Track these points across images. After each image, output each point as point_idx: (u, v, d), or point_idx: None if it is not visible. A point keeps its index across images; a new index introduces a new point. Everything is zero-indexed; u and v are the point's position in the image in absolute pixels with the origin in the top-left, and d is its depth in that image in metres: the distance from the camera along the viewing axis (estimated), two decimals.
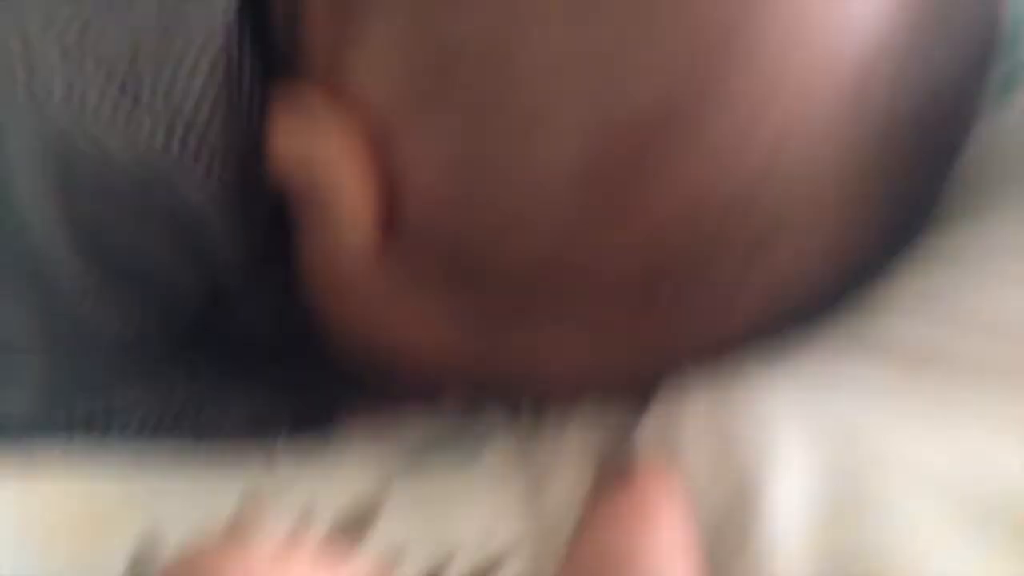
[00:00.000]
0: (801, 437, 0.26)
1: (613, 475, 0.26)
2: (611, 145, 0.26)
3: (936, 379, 0.27)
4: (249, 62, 0.30)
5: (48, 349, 0.31)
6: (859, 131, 0.26)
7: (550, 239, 0.27)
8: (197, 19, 0.29)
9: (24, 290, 0.30)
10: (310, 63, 0.29)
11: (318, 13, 0.29)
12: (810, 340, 0.29)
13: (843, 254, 0.28)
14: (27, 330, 0.31)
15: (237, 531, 0.23)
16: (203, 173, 0.29)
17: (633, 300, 0.27)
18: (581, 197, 0.26)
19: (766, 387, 0.28)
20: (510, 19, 0.26)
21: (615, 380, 0.30)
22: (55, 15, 0.29)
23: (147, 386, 0.33)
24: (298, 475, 0.30)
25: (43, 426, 0.31)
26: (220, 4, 0.29)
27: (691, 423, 0.28)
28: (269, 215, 0.30)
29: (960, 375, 0.27)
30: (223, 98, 0.29)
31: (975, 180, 0.31)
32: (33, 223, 0.29)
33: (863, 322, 0.29)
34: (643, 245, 0.26)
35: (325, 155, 0.28)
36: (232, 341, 0.34)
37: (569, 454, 0.30)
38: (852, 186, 0.27)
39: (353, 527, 0.27)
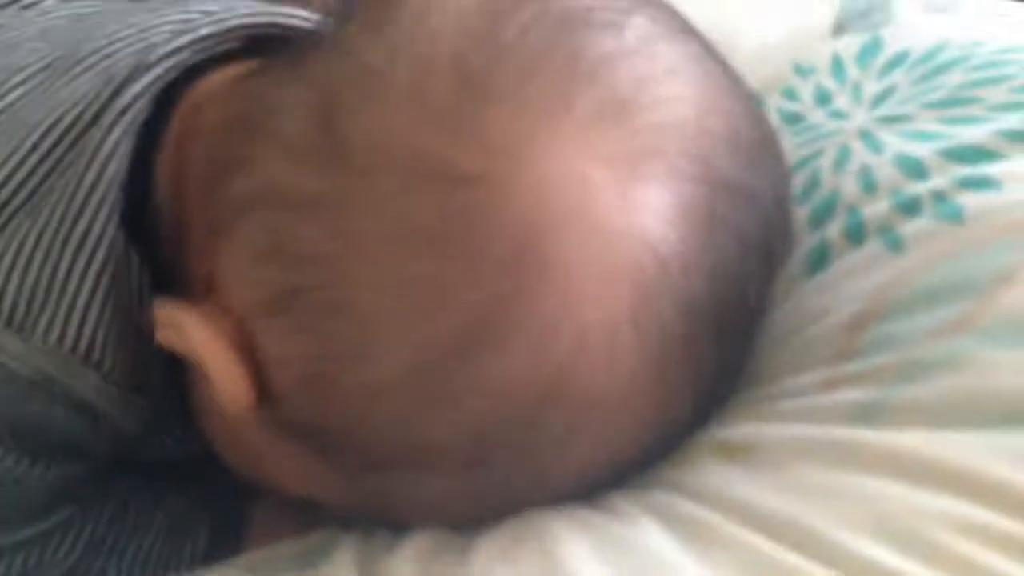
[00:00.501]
0: None
1: None
2: (434, 349, 0.30)
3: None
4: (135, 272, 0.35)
5: None
6: (644, 339, 0.31)
7: (390, 419, 0.32)
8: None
9: None
10: (189, 276, 0.35)
11: (195, 234, 0.35)
12: None
13: (647, 431, 0.34)
14: None
15: None
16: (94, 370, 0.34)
17: (470, 462, 0.32)
18: (413, 387, 0.31)
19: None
20: (349, 246, 0.31)
21: (457, 517, 0.35)
22: None
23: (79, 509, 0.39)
24: None
25: None
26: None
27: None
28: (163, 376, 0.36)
29: None
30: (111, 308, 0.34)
31: None
32: None
33: None
34: (471, 423, 0.32)
35: (198, 352, 0.33)
36: (145, 468, 0.40)
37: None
38: (646, 383, 0.32)
39: None
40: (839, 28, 0.48)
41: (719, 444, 0.36)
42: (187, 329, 0.34)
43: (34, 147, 0.35)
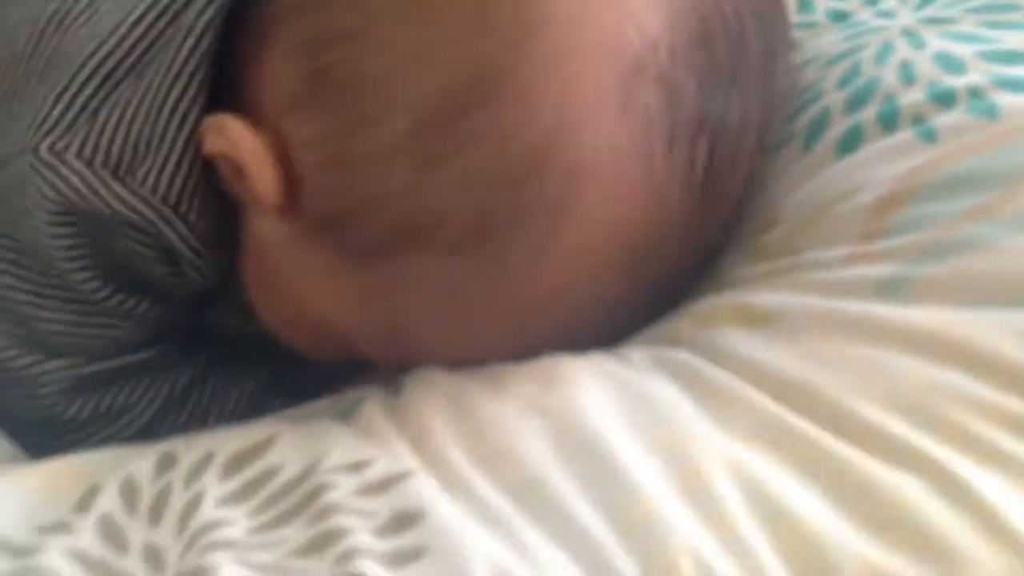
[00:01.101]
0: None
1: None
2: (431, 105, 0.34)
3: None
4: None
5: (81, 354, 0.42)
6: (627, 116, 0.34)
7: (395, 188, 0.36)
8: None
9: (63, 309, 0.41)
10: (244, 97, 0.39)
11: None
12: None
13: (636, 232, 0.36)
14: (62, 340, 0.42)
15: None
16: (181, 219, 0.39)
17: (470, 237, 0.35)
18: (414, 148, 0.35)
19: None
20: (368, 18, 0.36)
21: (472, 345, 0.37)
22: None
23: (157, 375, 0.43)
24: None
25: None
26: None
27: None
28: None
29: None
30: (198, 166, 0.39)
31: None
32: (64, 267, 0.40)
33: None
34: (467, 188, 0.35)
35: (238, 148, 0.38)
36: (227, 338, 0.44)
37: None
38: (631, 164, 0.35)
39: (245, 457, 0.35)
40: None
41: (741, 309, 0.37)
42: (230, 132, 0.38)
43: (137, 22, 0.40)
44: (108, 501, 0.35)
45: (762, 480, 0.31)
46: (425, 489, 0.33)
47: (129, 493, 0.35)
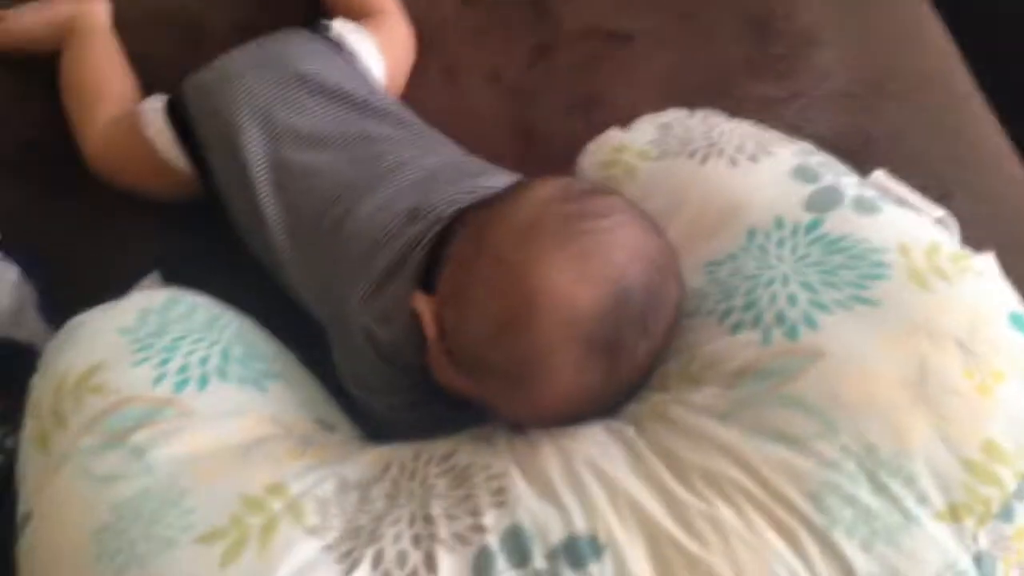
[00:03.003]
0: None
1: None
2: (491, 328, 0.75)
3: None
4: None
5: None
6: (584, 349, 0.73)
7: (475, 358, 0.77)
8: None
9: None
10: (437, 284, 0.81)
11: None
12: None
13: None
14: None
15: None
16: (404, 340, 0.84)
17: (506, 381, 0.76)
18: (480, 345, 0.75)
19: None
20: (468, 293, 0.77)
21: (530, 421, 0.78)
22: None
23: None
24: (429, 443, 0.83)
25: None
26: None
27: None
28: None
29: None
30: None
31: None
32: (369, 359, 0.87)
33: None
34: (502, 362, 0.74)
35: (421, 310, 0.80)
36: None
37: None
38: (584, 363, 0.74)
39: (446, 457, 0.81)
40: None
41: (657, 409, 0.76)
42: (421, 305, 0.80)
43: (398, 250, 0.86)
44: (395, 471, 0.76)
45: (639, 500, 0.69)
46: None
47: (402, 468, 0.76)
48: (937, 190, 0.89)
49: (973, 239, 0.82)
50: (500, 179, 0.89)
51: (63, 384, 0.75)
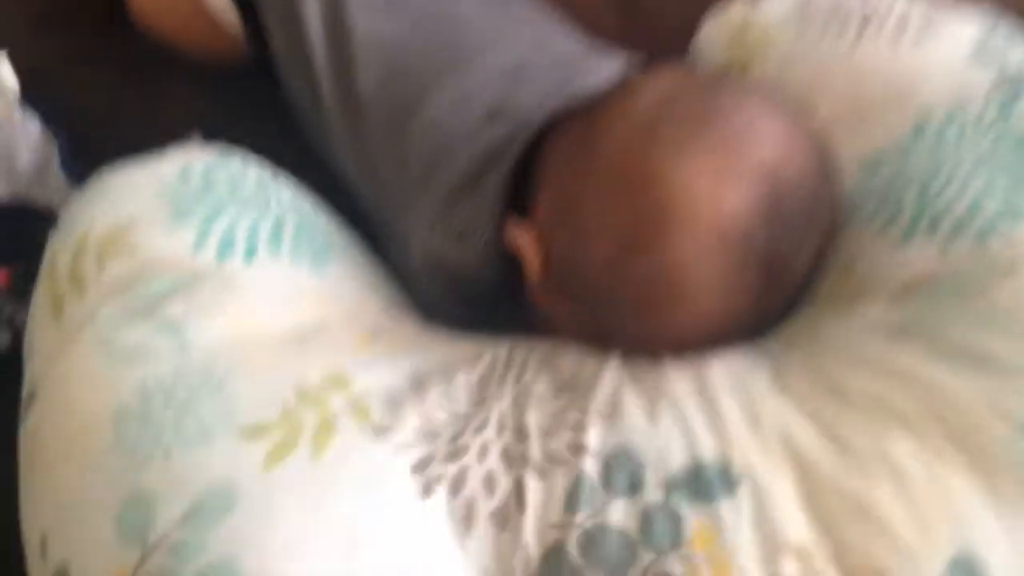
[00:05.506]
0: None
1: None
2: (613, 246, 0.62)
3: None
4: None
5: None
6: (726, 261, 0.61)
7: (594, 278, 0.64)
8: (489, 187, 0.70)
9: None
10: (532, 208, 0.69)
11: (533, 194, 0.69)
12: None
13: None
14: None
15: None
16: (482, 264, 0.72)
17: (625, 310, 0.63)
18: (599, 268, 0.63)
19: None
20: (583, 196, 0.65)
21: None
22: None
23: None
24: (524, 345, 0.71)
25: None
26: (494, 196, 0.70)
27: None
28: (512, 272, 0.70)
29: None
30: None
31: None
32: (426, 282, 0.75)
33: None
34: (627, 286, 0.62)
35: (523, 244, 0.68)
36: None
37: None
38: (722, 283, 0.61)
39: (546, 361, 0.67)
40: None
41: (812, 326, 0.62)
42: (517, 233, 0.68)
43: (478, 158, 0.71)
44: (484, 365, 0.63)
45: (788, 427, 0.55)
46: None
47: (494, 363, 0.64)
48: None
49: None
50: (600, 70, 0.76)
51: (85, 242, 0.62)
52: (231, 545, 0.51)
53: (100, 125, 0.87)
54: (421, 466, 0.55)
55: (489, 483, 0.55)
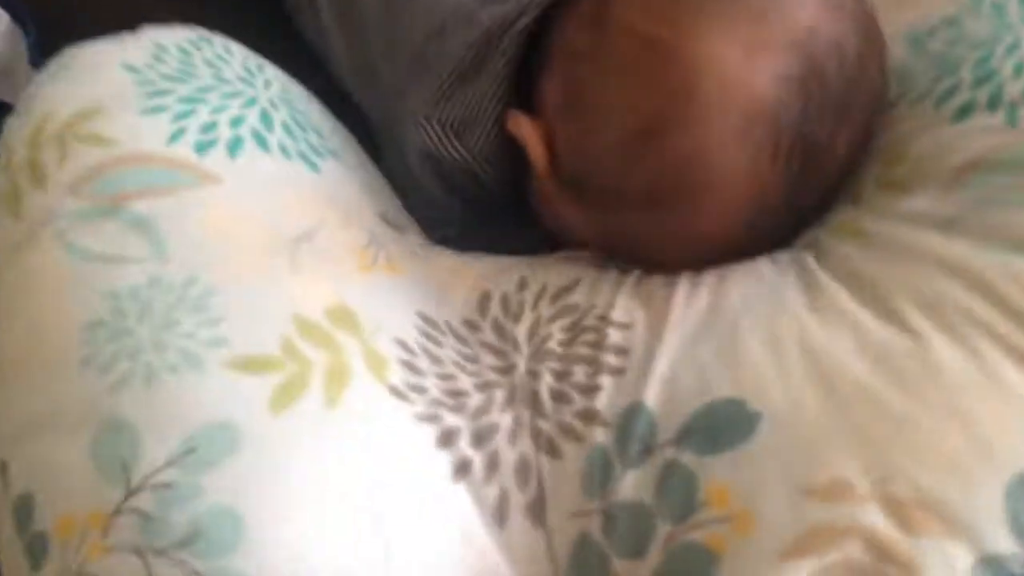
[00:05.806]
0: None
1: None
2: (633, 128, 0.55)
3: None
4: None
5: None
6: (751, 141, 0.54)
7: (611, 168, 0.57)
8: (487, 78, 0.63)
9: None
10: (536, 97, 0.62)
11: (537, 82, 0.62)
12: None
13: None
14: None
15: None
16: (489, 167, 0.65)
17: (645, 204, 0.56)
18: (615, 155, 0.56)
19: None
20: (597, 73, 0.58)
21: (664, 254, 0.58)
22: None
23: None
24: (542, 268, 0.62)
25: None
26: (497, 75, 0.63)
27: None
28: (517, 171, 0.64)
29: None
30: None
31: None
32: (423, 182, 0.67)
33: None
34: (645, 175, 0.55)
35: (527, 135, 0.60)
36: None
37: None
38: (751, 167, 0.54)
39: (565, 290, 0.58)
40: None
41: (852, 227, 0.55)
42: (520, 124, 0.61)
43: (478, 44, 0.62)
44: (495, 307, 0.58)
45: (820, 347, 0.50)
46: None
47: (505, 304, 0.58)
48: None
49: None
50: None
51: (45, 127, 0.55)
52: (233, 492, 0.45)
53: (72, 23, 0.76)
54: (447, 439, 0.51)
55: (523, 471, 0.51)
